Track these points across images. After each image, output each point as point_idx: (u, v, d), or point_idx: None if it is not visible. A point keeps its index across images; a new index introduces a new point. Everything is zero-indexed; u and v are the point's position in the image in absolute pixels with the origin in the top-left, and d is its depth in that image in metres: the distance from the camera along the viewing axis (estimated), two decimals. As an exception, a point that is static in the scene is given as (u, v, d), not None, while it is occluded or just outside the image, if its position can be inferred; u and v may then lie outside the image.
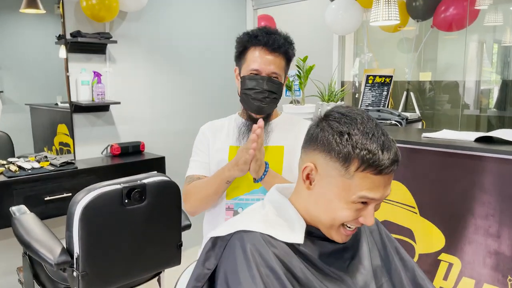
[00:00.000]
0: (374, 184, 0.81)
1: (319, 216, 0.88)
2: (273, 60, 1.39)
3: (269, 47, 1.37)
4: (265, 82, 1.37)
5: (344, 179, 0.82)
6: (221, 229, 0.89)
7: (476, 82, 3.40)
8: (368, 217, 0.85)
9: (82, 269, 1.59)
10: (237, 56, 1.46)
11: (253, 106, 1.41)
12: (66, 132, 2.81)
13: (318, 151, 0.85)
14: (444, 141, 1.80)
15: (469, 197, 1.71)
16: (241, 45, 1.42)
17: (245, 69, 1.41)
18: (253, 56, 1.39)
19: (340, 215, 0.84)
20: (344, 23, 3.02)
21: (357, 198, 0.82)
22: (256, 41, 1.38)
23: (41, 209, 2.33)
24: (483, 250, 1.69)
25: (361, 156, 0.80)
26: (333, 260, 0.90)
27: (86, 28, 2.70)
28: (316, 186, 0.87)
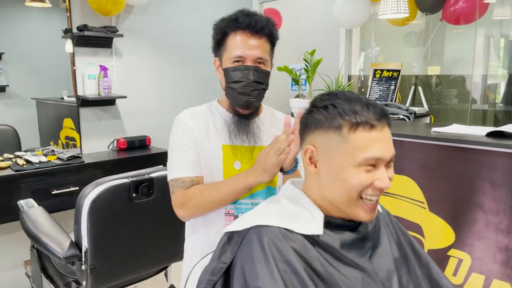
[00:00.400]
0: (371, 141, 0.83)
1: (335, 196, 0.87)
2: (257, 44, 1.22)
3: (252, 29, 1.21)
4: (251, 72, 1.21)
5: (343, 146, 0.84)
6: (237, 224, 0.88)
7: (483, 77, 3.37)
8: (383, 178, 0.84)
9: (90, 263, 1.59)
10: (216, 45, 1.28)
11: (240, 101, 1.25)
12: (72, 126, 2.81)
13: (312, 132, 0.89)
14: (454, 135, 1.78)
15: (479, 192, 1.69)
16: (219, 32, 1.25)
17: (227, 58, 1.24)
18: (234, 42, 1.22)
19: (354, 183, 0.83)
20: (351, 17, 2.99)
21: (362, 160, 0.82)
22: (237, 24, 1.21)
23: (49, 203, 2.33)
24: (493, 245, 1.67)
25: (348, 117, 0.83)
26: (354, 250, 0.89)
27: (92, 22, 2.69)
28: (322, 166, 0.88)
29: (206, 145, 1.27)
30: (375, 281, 0.87)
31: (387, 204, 1.99)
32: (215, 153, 1.28)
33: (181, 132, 1.28)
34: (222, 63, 1.26)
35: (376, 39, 3.46)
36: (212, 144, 1.28)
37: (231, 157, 1.28)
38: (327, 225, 0.89)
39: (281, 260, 0.79)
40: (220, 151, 1.28)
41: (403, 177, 1.93)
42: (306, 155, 0.90)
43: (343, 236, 0.88)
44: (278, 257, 0.79)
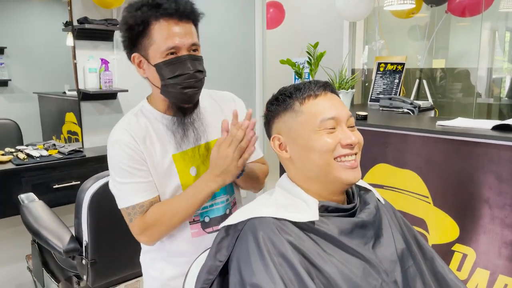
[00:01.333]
0: (321, 106, 0.92)
1: (313, 169, 0.90)
2: (188, 30, 1.07)
3: (180, 15, 1.06)
4: (189, 62, 1.07)
5: (299, 119, 0.92)
6: (233, 217, 0.86)
7: (488, 70, 3.33)
8: (346, 135, 0.89)
9: (91, 257, 1.58)
10: (134, 39, 1.07)
11: (184, 96, 1.09)
12: (74, 121, 2.79)
13: (274, 123, 0.98)
14: (459, 129, 1.76)
15: (485, 187, 1.67)
16: (138, 22, 1.04)
17: (156, 52, 1.06)
18: (162, 32, 1.04)
19: (320, 145, 0.88)
20: (355, 9, 2.96)
21: (319, 123, 0.90)
22: (161, 10, 1.04)
23: (50, 197, 2.32)
24: (498, 240, 1.65)
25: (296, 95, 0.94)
26: (356, 238, 0.88)
27: (93, 15, 2.67)
28: (290, 148, 0.94)
29: (155, 161, 1.12)
30: (377, 271, 0.85)
31: (390, 199, 1.97)
32: (166, 167, 1.13)
33: (122, 156, 1.09)
34: (149, 58, 1.07)
35: (380, 32, 3.43)
36: (160, 157, 1.13)
37: (185, 165, 1.15)
38: (323, 211, 0.89)
39: (276, 254, 0.78)
40: (172, 164, 1.13)
41: (407, 171, 1.91)
42: (275, 144, 0.96)
43: (341, 224, 0.87)
44: (273, 251, 0.79)
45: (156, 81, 1.10)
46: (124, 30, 1.08)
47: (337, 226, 0.86)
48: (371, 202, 0.97)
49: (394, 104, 2.53)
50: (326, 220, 0.87)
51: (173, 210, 1.10)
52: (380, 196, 1.05)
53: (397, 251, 0.92)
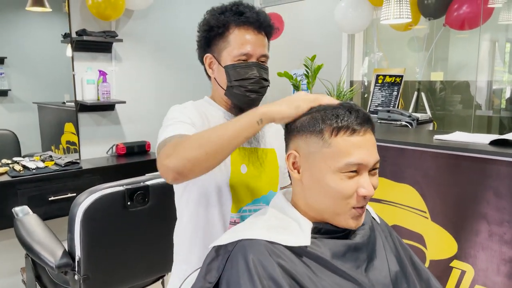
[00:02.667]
0: (353, 146, 0.82)
1: (319, 203, 0.86)
2: (262, 41, 1.15)
3: (259, 26, 1.13)
4: (257, 68, 1.13)
5: (324, 150, 0.83)
6: (224, 237, 0.85)
7: (488, 82, 3.32)
8: (366, 185, 0.82)
9: (83, 273, 1.56)
10: (211, 40, 1.16)
11: (248, 99, 1.15)
12: (73, 131, 2.79)
13: (295, 137, 0.89)
14: (457, 143, 1.74)
15: (483, 202, 1.65)
16: (219, 25, 1.13)
17: (228, 55, 1.14)
18: (240, 38, 1.12)
19: (336, 189, 0.82)
20: (353, 22, 2.96)
21: (343, 165, 0.81)
22: (244, 18, 1.12)
23: (45, 209, 2.31)
24: (497, 257, 1.62)
25: (330, 121, 0.83)
26: (349, 261, 0.86)
27: (92, 27, 2.68)
28: (304, 172, 0.87)
29: None
30: None
31: (388, 213, 1.95)
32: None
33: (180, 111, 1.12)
34: (221, 59, 1.15)
35: (379, 44, 3.43)
36: None
37: (238, 159, 1.17)
38: (316, 232, 0.86)
39: (266, 277, 0.77)
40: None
41: (404, 185, 1.89)
42: (289, 160, 0.90)
43: (334, 246, 0.85)
44: (263, 274, 0.77)
45: (222, 82, 1.17)
46: (203, 30, 1.17)
47: (330, 249, 0.84)
48: (366, 222, 0.95)
49: (392, 116, 2.52)
50: (319, 242, 0.85)
51: (208, 131, 0.92)
52: (376, 215, 1.03)
53: (390, 274, 0.90)
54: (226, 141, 0.89)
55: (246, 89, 1.13)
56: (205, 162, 0.89)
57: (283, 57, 3.75)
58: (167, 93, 3.13)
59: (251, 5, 1.17)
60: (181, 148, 0.89)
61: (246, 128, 0.90)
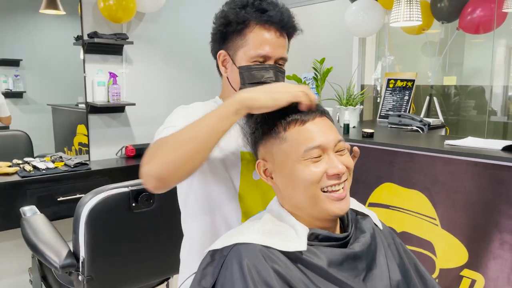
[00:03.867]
0: (307, 132, 0.84)
1: (299, 200, 0.85)
2: (283, 42, 1.07)
3: (280, 25, 1.04)
4: (274, 73, 1.04)
5: (283, 146, 0.85)
6: (219, 242, 0.83)
7: (504, 88, 3.25)
8: (333, 164, 0.83)
9: (87, 273, 1.56)
10: (228, 35, 1.07)
11: None
12: (85, 133, 2.81)
13: (259, 148, 0.91)
14: (468, 149, 1.70)
15: (494, 210, 1.60)
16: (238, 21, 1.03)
17: (244, 54, 1.05)
18: (260, 38, 1.03)
19: (305, 176, 0.83)
20: (365, 25, 2.93)
21: (303, 152, 0.83)
22: (266, 17, 1.02)
23: (54, 210, 2.32)
24: (508, 266, 1.57)
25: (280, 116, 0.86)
26: (346, 270, 0.83)
27: (103, 29, 2.70)
28: (276, 175, 0.89)
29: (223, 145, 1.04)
30: None
31: (396, 219, 1.91)
32: (232, 158, 1.07)
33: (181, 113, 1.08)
34: (236, 59, 1.06)
35: (390, 48, 3.39)
36: (229, 147, 1.06)
37: (250, 166, 1.09)
38: (313, 239, 0.84)
39: (261, 282, 0.75)
40: (238, 159, 1.08)
41: (414, 191, 1.85)
42: (260, 170, 0.91)
43: (331, 255, 0.82)
44: (257, 279, 0.75)
45: (235, 83, 1.09)
46: (220, 24, 1.07)
47: (327, 257, 0.82)
48: (367, 230, 0.92)
49: (403, 121, 2.48)
50: (315, 250, 0.82)
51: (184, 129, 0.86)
52: (379, 221, 1.00)
53: (391, 283, 0.87)
54: (203, 137, 0.83)
55: None
56: (186, 164, 0.84)
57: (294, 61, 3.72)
58: (177, 96, 3.14)
59: (276, 2, 1.07)
60: (159, 152, 0.85)
61: (222, 120, 0.84)
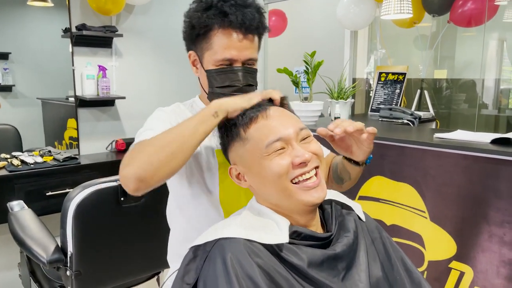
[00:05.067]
0: (266, 128, 0.85)
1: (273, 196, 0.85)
2: (249, 44, 1.04)
3: (245, 29, 1.02)
4: (241, 75, 1.03)
5: (247, 147, 0.86)
6: (202, 237, 0.83)
7: (496, 81, 3.26)
8: (297, 153, 0.83)
9: (75, 268, 1.54)
10: (194, 38, 1.07)
11: None
12: (76, 127, 2.79)
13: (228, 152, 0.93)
14: (457, 142, 1.70)
15: (483, 202, 1.61)
16: (201, 25, 1.03)
17: (210, 58, 1.04)
18: (223, 42, 1.02)
19: (272, 172, 0.83)
20: (356, 18, 2.92)
21: (266, 148, 0.83)
22: (227, 21, 1.01)
23: (42, 204, 2.30)
24: (497, 259, 1.58)
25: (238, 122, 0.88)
26: (325, 270, 0.83)
27: (92, 21, 2.67)
28: (248, 176, 0.89)
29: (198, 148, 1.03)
30: None
31: (386, 212, 1.91)
32: (208, 158, 1.08)
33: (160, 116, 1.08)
34: (203, 61, 1.07)
35: (382, 41, 3.38)
36: (204, 147, 1.07)
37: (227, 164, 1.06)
38: (296, 237, 0.84)
39: (245, 277, 0.74)
40: (214, 157, 1.09)
41: (404, 184, 1.85)
42: (233, 175, 0.92)
43: (312, 255, 0.82)
44: (241, 274, 0.75)
45: (205, 85, 1.10)
46: (186, 26, 1.09)
47: (308, 257, 0.81)
48: (351, 228, 0.91)
49: (394, 114, 2.48)
50: (296, 249, 0.82)
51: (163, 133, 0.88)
52: (362, 213, 0.99)
53: (370, 282, 0.87)
54: (184, 138, 0.86)
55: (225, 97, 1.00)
56: (167, 165, 0.85)
57: (286, 54, 3.72)
58: (168, 89, 3.11)
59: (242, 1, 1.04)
60: (139, 154, 0.85)
61: (203, 122, 0.87)
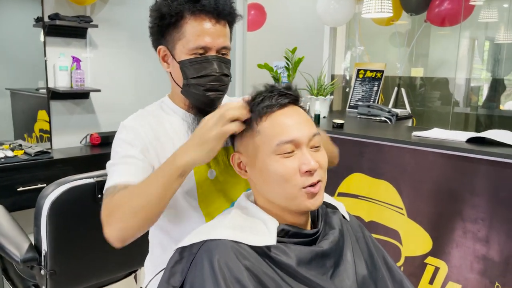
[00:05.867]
0: (280, 125, 0.82)
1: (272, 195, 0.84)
2: (222, 30, 1.01)
3: (218, 14, 0.99)
4: (217, 64, 0.99)
5: (257, 139, 0.83)
6: (188, 239, 0.81)
7: (466, 80, 3.35)
8: (305, 161, 0.80)
9: (50, 267, 1.49)
10: (164, 29, 1.01)
11: (206, 99, 1.01)
12: (47, 119, 2.70)
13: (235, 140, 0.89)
14: (434, 141, 1.74)
15: (458, 200, 1.65)
16: (171, 13, 0.98)
17: (183, 48, 0.99)
18: (195, 28, 0.98)
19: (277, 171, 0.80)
20: (336, 14, 2.93)
21: (276, 147, 0.81)
22: (200, 6, 0.97)
23: (13, 200, 2.23)
24: (471, 254, 1.63)
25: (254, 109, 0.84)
26: (314, 268, 0.83)
27: (65, 11, 2.58)
28: (250, 168, 0.86)
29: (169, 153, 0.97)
30: None
31: (364, 209, 1.94)
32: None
33: (125, 136, 1.02)
34: (175, 53, 1.01)
35: (360, 38, 3.42)
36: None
37: (203, 166, 1.04)
38: (283, 235, 0.83)
39: (232, 280, 0.73)
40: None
41: (382, 181, 1.88)
42: (235, 163, 0.89)
43: (300, 253, 0.82)
44: (228, 276, 0.73)
45: (178, 79, 1.03)
46: (155, 17, 1.01)
47: (296, 255, 0.81)
48: (336, 225, 0.92)
49: (372, 112, 2.51)
50: (285, 247, 0.81)
51: (134, 191, 0.88)
52: (346, 212, 1.00)
53: (357, 279, 0.87)
54: (156, 202, 0.86)
55: (204, 88, 1.00)
56: (143, 226, 0.88)
57: (264, 49, 3.70)
58: (144, 82, 3.05)
59: None
60: (115, 216, 0.87)
61: (170, 186, 0.86)
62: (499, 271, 1.56)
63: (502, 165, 1.53)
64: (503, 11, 3.15)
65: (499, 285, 1.57)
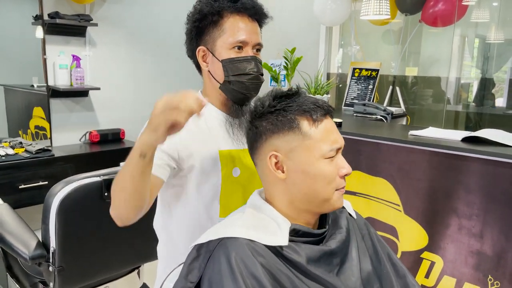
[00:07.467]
0: (327, 132, 0.88)
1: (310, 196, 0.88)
2: (256, 28, 1.13)
3: (252, 12, 1.10)
4: (255, 63, 1.10)
5: (306, 142, 0.87)
6: (205, 236, 0.85)
7: (457, 79, 3.42)
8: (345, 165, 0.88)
9: (58, 264, 1.53)
10: (204, 29, 1.11)
11: (244, 96, 1.12)
12: (42, 116, 2.70)
13: (270, 139, 0.89)
14: (430, 140, 1.80)
15: (453, 197, 1.71)
16: (213, 12, 1.08)
17: (223, 43, 1.09)
18: (236, 25, 1.08)
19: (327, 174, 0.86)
20: (333, 14, 2.97)
21: (327, 151, 0.86)
22: (240, 5, 1.08)
23: (15, 198, 2.24)
24: (465, 249, 1.70)
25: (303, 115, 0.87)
26: (322, 265, 0.88)
27: (65, 9, 2.59)
28: (290, 168, 0.88)
29: (203, 152, 1.09)
30: None
31: (362, 206, 2.00)
32: (212, 161, 1.11)
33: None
34: (216, 50, 1.10)
35: (356, 37, 3.46)
36: (208, 150, 1.11)
37: (229, 164, 1.13)
38: (294, 234, 0.88)
39: (249, 276, 0.77)
40: (217, 158, 1.12)
41: (379, 179, 1.94)
42: (271, 162, 0.89)
43: (310, 251, 0.86)
44: (245, 273, 0.78)
45: (218, 76, 1.12)
46: (195, 19, 1.11)
47: (306, 254, 0.85)
48: (343, 225, 0.96)
49: (368, 110, 2.56)
50: (296, 246, 0.86)
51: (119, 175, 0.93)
52: (353, 210, 1.05)
53: (362, 276, 0.93)
54: (128, 184, 0.90)
55: (244, 85, 1.10)
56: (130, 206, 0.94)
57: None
58: (143, 80, 3.07)
59: None
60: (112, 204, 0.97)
61: (135, 168, 0.88)
62: (492, 265, 1.63)
63: (496, 163, 1.59)
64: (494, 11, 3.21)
65: (492, 278, 1.64)
